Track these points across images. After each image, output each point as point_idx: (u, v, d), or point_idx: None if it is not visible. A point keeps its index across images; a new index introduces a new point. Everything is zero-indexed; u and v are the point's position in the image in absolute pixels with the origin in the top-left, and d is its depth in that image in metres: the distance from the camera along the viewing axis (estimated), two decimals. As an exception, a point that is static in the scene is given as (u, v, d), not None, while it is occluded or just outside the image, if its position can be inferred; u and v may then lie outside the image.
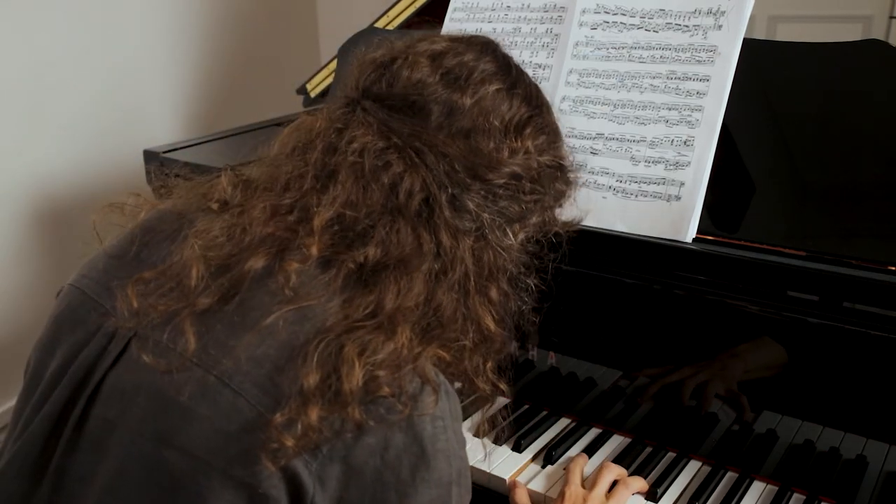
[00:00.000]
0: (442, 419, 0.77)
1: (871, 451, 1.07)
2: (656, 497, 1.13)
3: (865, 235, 1.14)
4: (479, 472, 1.19)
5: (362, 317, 0.76)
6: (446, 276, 0.81)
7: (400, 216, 0.80)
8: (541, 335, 1.33)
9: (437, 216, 0.81)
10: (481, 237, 0.84)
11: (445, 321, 0.81)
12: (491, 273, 0.85)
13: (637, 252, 1.20)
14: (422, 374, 0.76)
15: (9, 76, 2.27)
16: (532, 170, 0.87)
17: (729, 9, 1.20)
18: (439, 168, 0.81)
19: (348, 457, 0.73)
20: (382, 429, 0.73)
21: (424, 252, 0.80)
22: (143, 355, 0.78)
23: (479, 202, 0.83)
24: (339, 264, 0.79)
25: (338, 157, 0.82)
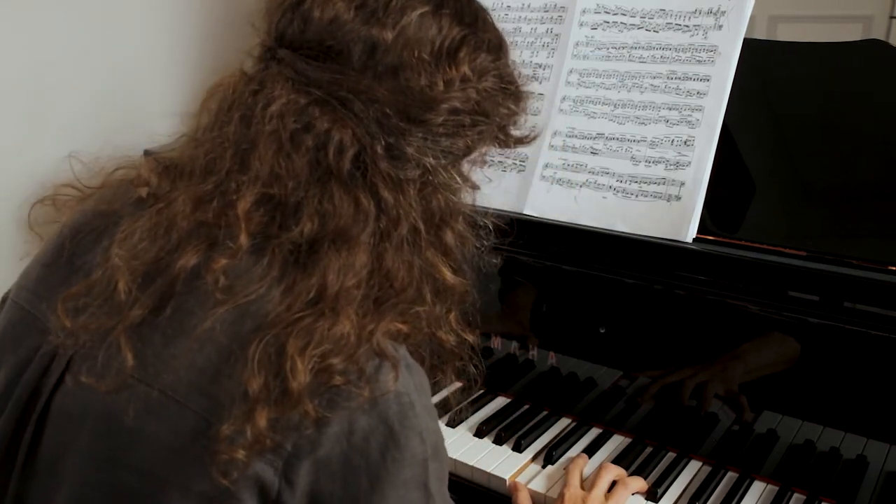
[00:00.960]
0: (407, 394, 0.73)
1: (871, 452, 1.07)
2: (657, 497, 1.13)
3: (866, 235, 1.14)
4: (480, 471, 1.19)
5: (305, 304, 0.71)
6: (393, 234, 0.75)
7: (332, 180, 0.73)
8: (541, 335, 1.33)
9: (375, 170, 0.74)
10: (427, 183, 0.77)
11: (399, 286, 0.76)
12: (443, 218, 0.79)
13: (637, 252, 1.20)
14: (379, 351, 0.72)
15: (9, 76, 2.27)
16: (472, 100, 0.79)
17: (729, 9, 1.20)
18: (369, 116, 0.74)
19: (315, 451, 0.70)
20: (344, 415, 0.70)
21: (365, 215, 0.74)
22: (82, 377, 0.74)
23: (419, 146, 0.76)
24: (273, 250, 0.73)
25: (255, 128, 0.75)
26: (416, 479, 0.73)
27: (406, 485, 0.72)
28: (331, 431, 0.69)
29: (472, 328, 0.86)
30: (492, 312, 1.38)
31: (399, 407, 0.72)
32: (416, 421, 0.73)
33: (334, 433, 0.69)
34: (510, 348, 1.36)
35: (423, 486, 0.74)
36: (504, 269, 1.35)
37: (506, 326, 1.36)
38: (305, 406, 0.68)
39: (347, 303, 0.72)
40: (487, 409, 1.35)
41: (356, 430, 0.70)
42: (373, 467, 0.71)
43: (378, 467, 0.71)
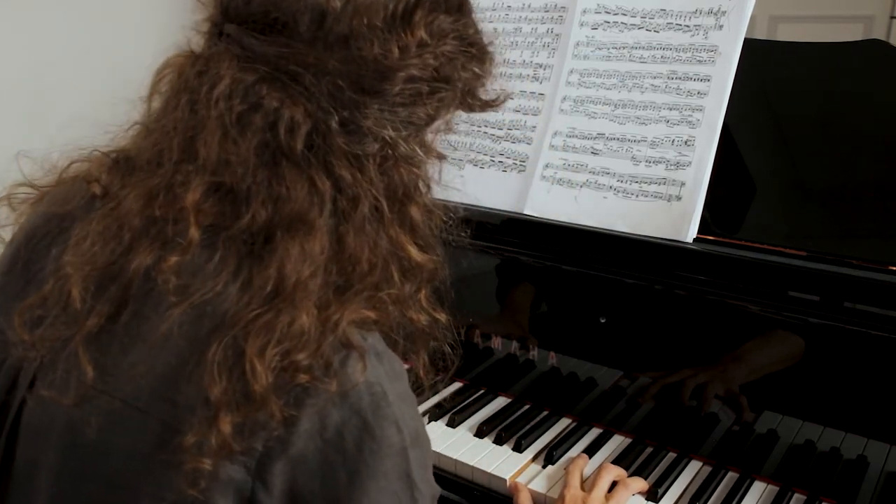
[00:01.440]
0: (378, 384, 0.70)
1: (871, 452, 1.07)
2: (657, 497, 1.13)
3: (866, 235, 1.14)
4: (480, 472, 1.19)
5: (264, 298, 0.68)
6: (354, 215, 0.71)
7: (284, 161, 0.69)
8: (542, 335, 1.33)
9: (330, 148, 0.70)
10: (388, 157, 0.73)
11: (363, 269, 0.72)
12: (407, 193, 0.75)
13: (638, 252, 1.20)
14: (345, 341, 0.69)
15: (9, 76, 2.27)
16: (431, 66, 0.74)
17: (730, 9, 1.20)
18: (321, 90, 0.69)
19: (288, 451, 0.67)
20: (314, 412, 0.67)
21: (321, 197, 0.70)
22: (43, 391, 0.72)
23: (376, 118, 0.71)
24: (226, 242, 0.70)
25: (201, 112, 0.70)
26: (397, 469, 0.71)
27: (387, 476, 0.70)
28: (302, 429, 0.67)
29: (443, 307, 0.83)
30: (492, 312, 1.38)
31: (371, 397, 0.69)
32: (390, 410, 0.70)
33: (305, 431, 0.67)
34: (510, 348, 1.36)
35: (405, 475, 0.72)
36: (504, 268, 1.36)
37: (506, 326, 1.36)
38: (271, 407, 0.65)
39: (308, 293, 0.68)
40: (488, 409, 1.35)
41: (329, 426, 0.68)
42: (350, 461, 0.69)
43: (355, 461, 0.69)
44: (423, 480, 0.73)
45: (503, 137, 1.38)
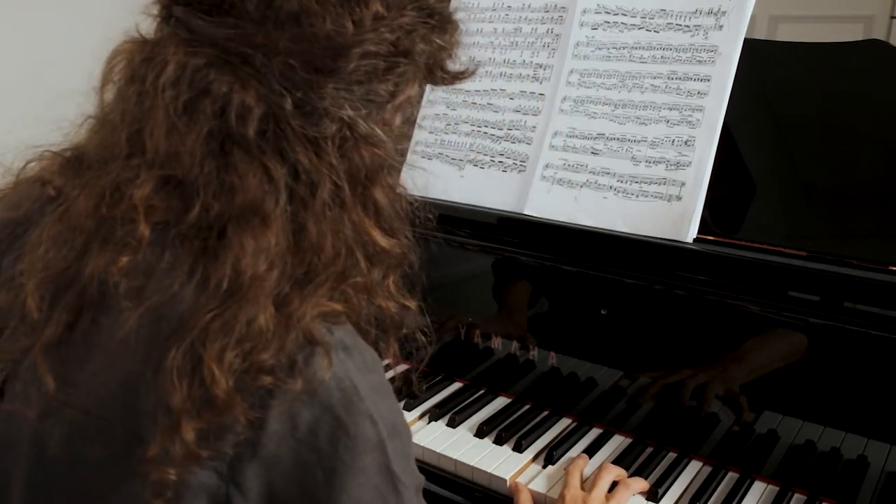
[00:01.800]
0: (347, 378, 0.67)
1: (871, 452, 1.07)
2: (657, 497, 1.13)
3: (866, 235, 1.14)
4: (480, 472, 1.19)
5: (221, 297, 0.65)
6: (312, 202, 0.68)
7: (236, 149, 0.66)
8: (542, 335, 1.33)
9: (286, 131, 0.67)
10: (347, 138, 0.70)
11: (325, 259, 0.69)
12: (370, 175, 0.72)
13: (638, 252, 1.20)
14: (310, 337, 0.66)
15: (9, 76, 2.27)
16: (388, 40, 0.70)
17: (730, 9, 1.20)
18: (273, 71, 0.66)
19: (259, 453, 0.65)
20: (282, 412, 0.65)
21: (276, 185, 0.67)
22: (8, 404, 0.71)
23: (333, 98, 0.68)
24: (177, 239, 0.67)
25: (148, 102, 0.67)
26: (377, 464, 0.69)
27: (366, 471, 0.68)
28: (271, 431, 0.65)
29: (413, 294, 0.80)
30: (492, 312, 1.38)
31: (341, 393, 0.67)
32: (362, 405, 0.68)
33: (276, 432, 0.66)
34: (510, 348, 1.36)
35: (385, 468, 0.70)
36: (504, 268, 1.36)
37: (506, 326, 1.36)
38: (235, 410, 0.63)
39: (265, 288, 0.65)
40: (488, 409, 1.35)
41: (300, 425, 0.66)
42: (326, 460, 0.67)
43: (331, 459, 0.67)
44: (404, 472, 0.72)
45: (503, 137, 1.38)
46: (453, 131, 1.44)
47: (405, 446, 0.73)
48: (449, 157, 1.43)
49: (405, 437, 0.74)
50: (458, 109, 1.44)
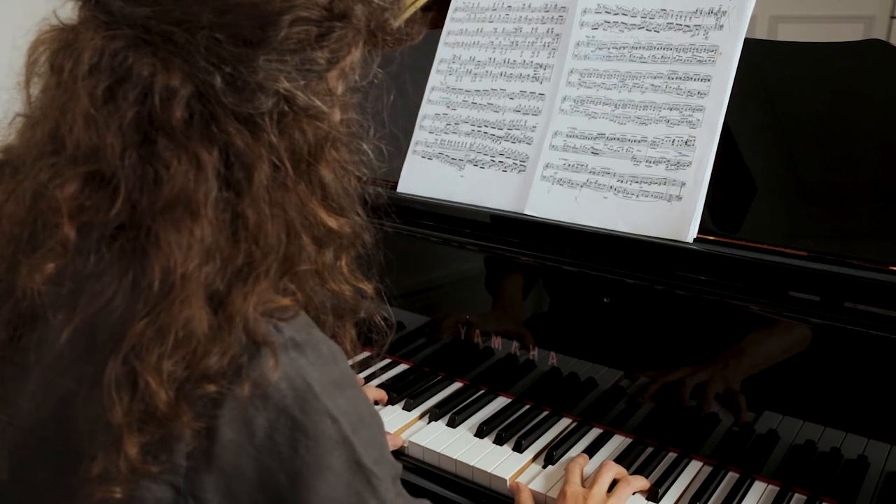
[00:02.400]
0: (300, 377, 0.64)
1: (872, 452, 1.07)
2: (657, 497, 1.13)
3: (866, 235, 1.14)
4: (481, 472, 1.19)
5: (154, 300, 0.61)
6: (249, 186, 0.63)
7: (161, 136, 0.62)
8: (542, 335, 1.33)
9: (218, 111, 0.62)
10: (287, 112, 0.65)
11: (266, 247, 0.64)
12: (313, 151, 0.68)
13: (638, 252, 1.20)
14: (254, 337, 0.62)
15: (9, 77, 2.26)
16: (320, 5, 0.65)
17: (730, 9, 1.20)
18: (198, 48, 0.61)
19: (215, 463, 0.62)
20: (234, 419, 0.62)
21: (206, 171, 0.62)
22: None
23: (267, 71, 0.63)
24: (104, 240, 0.63)
25: (66, 94, 0.63)
26: (344, 460, 0.66)
27: (333, 470, 0.66)
28: (225, 440, 0.63)
29: (370, 276, 0.76)
30: (493, 312, 1.38)
31: (295, 393, 0.64)
32: (318, 403, 0.65)
33: (231, 441, 0.63)
34: (511, 348, 1.36)
35: (356, 464, 0.67)
36: (505, 268, 1.36)
37: (507, 326, 1.36)
38: (181, 421, 0.61)
39: (199, 286, 0.61)
40: (488, 409, 1.35)
41: (257, 432, 0.63)
42: (288, 464, 0.64)
43: (294, 462, 0.64)
44: (377, 463, 0.69)
45: (503, 137, 1.38)
46: (453, 131, 1.44)
47: (375, 436, 0.70)
48: (449, 157, 1.43)
49: (374, 426, 0.71)
50: (458, 109, 1.44)
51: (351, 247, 0.74)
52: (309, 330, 0.68)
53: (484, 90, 1.42)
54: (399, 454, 1.27)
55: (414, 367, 1.49)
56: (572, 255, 1.26)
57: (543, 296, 1.34)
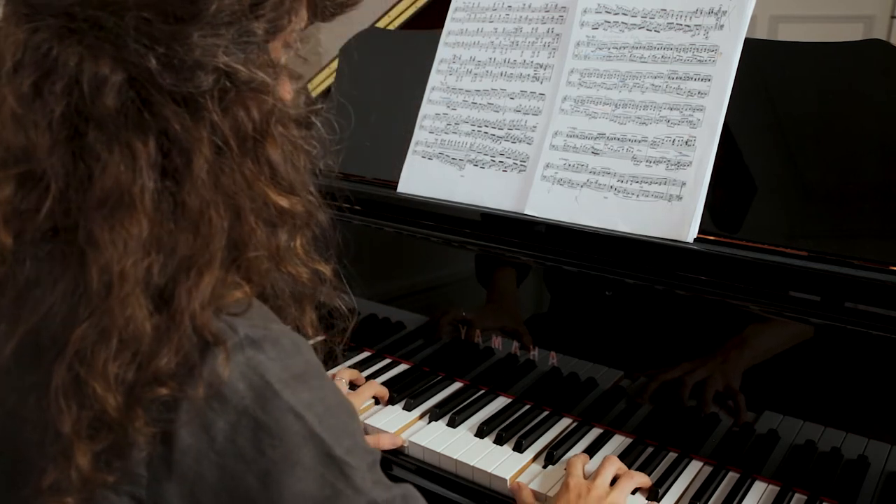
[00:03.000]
0: (258, 375, 0.62)
1: (872, 452, 1.07)
2: (658, 497, 1.13)
3: (867, 235, 1.14)
4: (481, 472, 1.19)
5: (92, 303, 0.59)
6: (190, 171, 0.61)
7: (92, 129, 0.59)
8: (542, 335, 1.33)
9: (153, 97, 0.59)
10: (229, 88, 0.62)
11: (210, 235, 0.62)
12: (259, 128, 0.65)
13: (638, 252, 1.20)
14: (202, 333, 0.60)
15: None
16: None
17: (730, 8, 1.20)
18: (128, 30, 0.58)
19: (176, 471, 0.61)
20: (194, 424, 0.60)
21: (139, 161, 0.59)
22: None
23: (203, 46, 0.60)
24: (40, 245, 0.61)
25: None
26: (314, 455, 0.64)
27: (304, 465, 0.64)
28: (185, 446, 0.61)
29: (327, 258, 0.74)
30: (493, 312, 1.38)
31: (253, 392, 0.62)
32: (279, 401, 0.63)
33: (191, 447, 0.61)
34: (511, 348, 1.36)
35: (327, 456, 0.65)
36: (505, 268, 1.36)
37: (507, 326, 1.36)
38: (134, 426, 0.59)
39: (139, 284, 0.59)
40: (488, 409, 1.35)
41: (217, 436, 0.61)
42: (255, 465, 0.62)
43: (261, 462, 0.62)
44: (350, 452, 0.67)
45: (503, 137, 1.38)
46: (453, 131, 1.44)
47: (346, 424, 0.68)
48: (449, 157, 1.43)
49: (344, 414, 0.69)
50: (458, 109, 1.44)
51: (305, 227, 0.71)
52: (267, 324, 0.66)
53: (484, 90, 1.42)
54: (399, 454, 1.27)
55: (414, 367, 1.49)
56: (572, 255, 1.26)
57: (544, 296, 1.34)
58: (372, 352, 1.54)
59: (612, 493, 1.09)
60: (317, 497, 0.64)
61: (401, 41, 1.68)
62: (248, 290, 0.66)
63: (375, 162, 1.54)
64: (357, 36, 1.73)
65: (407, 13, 1.88)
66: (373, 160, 1.55)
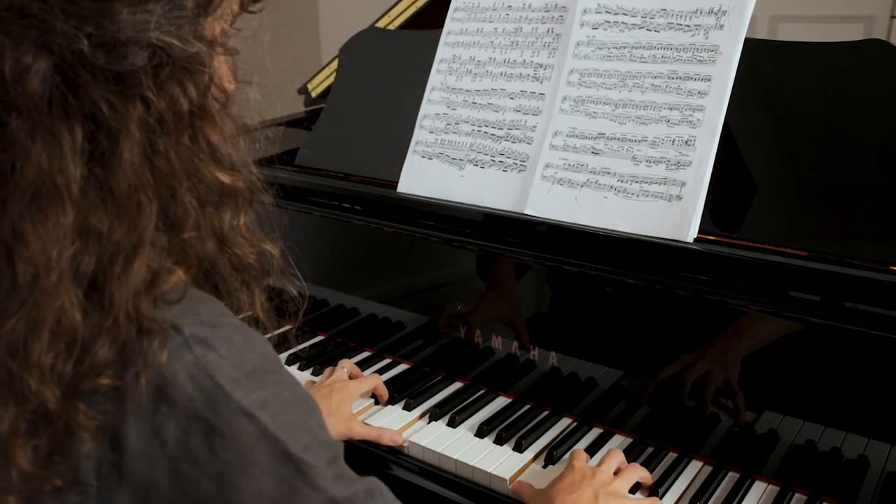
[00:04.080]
0: (209, 376, 0.61)
1: (872, 452, 1.07)
2: (658, 496, 1.13)
3: (867, 235, 1.14)
4: (481, 472, 1.19)
5: (22, 295, 0.58)
6: (117, 157, 0.59)
7: (14, 119, 0.58)
8: (542, 335, 1.33)
9: (84, 77, 0.58)
10: (164, 63, 0.61)
11: (139, 219, 0.60)
12: (196, 104, 0.64)
13: (638, 252, 1.20)
14: (138, 320, 0.59)
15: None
16: None
17: (730, 8, 1.20)
18: (54, 13, 0.58)
19: (127, 476, 0.60)
20: (141, 427, 0.59)
21: (65, 149, 0.58)
22: None
23: (134, 22, 0.59)
24: None
25: None
26: (269, 454, 0.63)
27: (259, 465, 0.63)
28: (135, 451, 0.60)
29: (274, 238, 0.73)
30: (493, 312, 1.38)
31: (203, 394, 0.61)
32: (231, 402, 0.62)
33: (141, 451, 0.60)
34: (511, 348, 1.36)
35: (283, 455, 0.64)
36: (504, 268, 1.35)
37: (507, 326, 1.36)
38: (76, 420, 0.57)
39: (67, 272, 0.58)
40: (488, 408, 1.35)
41: (168, 440, 0.60)
42: (209, 468, 0.61)
43: (215, 465, 0.61)
44: (308, 450, 0.66)
45: (503, 137, 1.38)
46: (453, 131, 1.44)
47: (303, 421, 0.67)
48: (449, 157, 1.43)
49: (302, 410, 0.68)
50: (458, 109, 1.44)
51: (248, 205, 0.70)
52: (217, 319, 0.65)
53: (484, 90, 1.42)
54: (399, 454, 1.27)
55: (414, 367, 1.49)
56: (572, 255, 1.26)
57: (543, 296, 1.34)
58: (372, 352, 1.54)
59: (615, 481, 1.09)
60: (274, 497, 0.64)
61: (401, 41, 1.68)
62: (182, 275, 0.64)
63: (375, 162, 1.55)
64: (357, 36, 1.73)
65: (407, 13, 1.88)
66: (373, 160, 1.55)
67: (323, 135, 1.66)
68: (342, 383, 1.32)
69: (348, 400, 1.30)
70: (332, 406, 1.26)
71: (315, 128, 1.68)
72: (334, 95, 1.69)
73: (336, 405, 1.27)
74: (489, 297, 1.38)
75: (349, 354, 1.52)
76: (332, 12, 3.41)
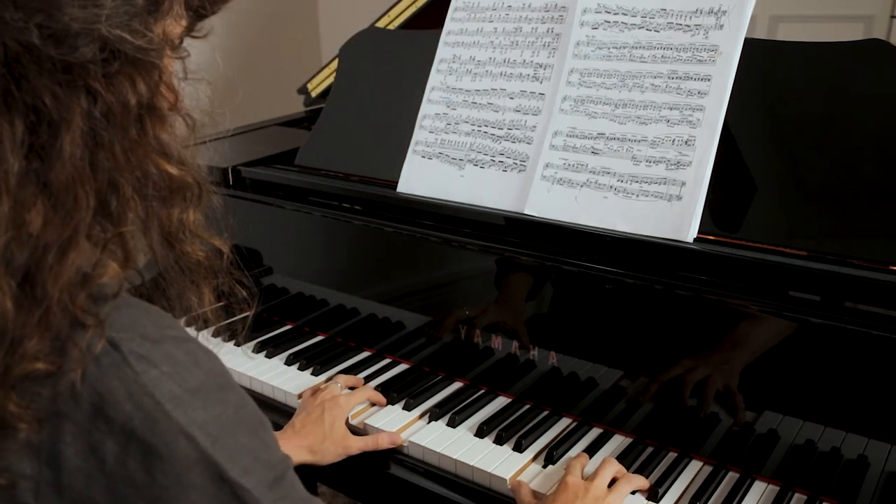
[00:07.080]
0: (149, 395, 0.61)
1: (872, 452, 1.07)
2: (657, 497, 1.13)
3: (867, 235, 1.14)
4: (481, 472, 1.19)
5: None
6: (57, 150, 0.59)
7: None
8: (542, 335, 1.33)
9: (30, 69, 0.58)
10: (113, 58, 0.61)
11: (73, 212, 0.59)
12: (144, 98, 0.64)
13: (638, 252, 1.20)
14: (71, 313, 0.59)
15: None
16: None
17: (730, 8, 1.20)
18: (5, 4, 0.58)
19: (64, 494, 0.59)
20: (79, 444, 0.59)
21: (3, 143, 0.58)
22: None
23: (84, 16, 0.59)
24: None
25: None
26: (205, 477, 0.63)
27: (195, 487, 0.63)
28: (73, 467, 0.60)
29: (223, 235, 0.72)
30: (493, 312, 1.38)
31: (143, 413, 0.60)
32: (170, 422, 0.61)
33: (79, 469, 0.60)
34: (511, 348, 1.36)
35: (219, 478, 0.64)
36: (505, 268, 1.35)
37: (507, 326, 1.36)
38: (9, 411, 0.57)
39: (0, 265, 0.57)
40: (488, 408, 1.35)
41: (106, 458, 0.60)
42: (145, 490, 0.61)
43: (151, 488, 0.61)
44: (246, 473, 0.66)
45: (503, 137, 1.38)
46: (453, 131, 1.44)
47: (244, 443, 0.66)
48: (449, 157, 1.43)
49: (243, 430, 0.67)
50: (458, 109, 1.44)
51: (197, 201, 0.69)
52: (161, 332, 0.64)
53: (484, 90, 1.42)
54: (399, 454, 1.27)
55: (414, 367, 1.49)
56: (572, 255, 1.26)
57: (543, 295, 1.34)
58: (372, 352, 1.54)
59: (609, 496, 1.09)
60: None
61: (401, 41, 1.68)
62: (118, 268, 0.64)
63: (375, 162, 1.55)
64: (357, 36, 1.73)
65: (407, 13, 1.89)
66: (372, 160, 1.55)
67: (323, 135, 1.66)
68: (332, 400, 1.28)
69: (341, 417, 1.27)
70: (326, 428, 1.24)
71: (315, 128, 1.68)
72: (334, 95, 1.69)
73: (329, 426, 1.24)
74: (495, 299, 1.38)
75: (349, 354, 1.52)
76: (332, 12, 3.41)
